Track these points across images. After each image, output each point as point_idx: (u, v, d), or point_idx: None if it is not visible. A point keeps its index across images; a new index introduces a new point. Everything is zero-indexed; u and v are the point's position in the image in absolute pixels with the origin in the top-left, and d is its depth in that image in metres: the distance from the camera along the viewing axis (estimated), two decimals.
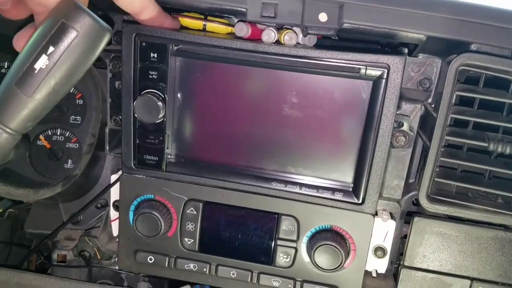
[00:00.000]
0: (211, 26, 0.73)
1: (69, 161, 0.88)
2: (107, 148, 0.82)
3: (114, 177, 0.83)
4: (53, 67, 0.52)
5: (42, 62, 0.51)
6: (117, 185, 0.81)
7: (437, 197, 0.69)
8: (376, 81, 0.65)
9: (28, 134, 0.84)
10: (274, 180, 0.73)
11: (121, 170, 0.82)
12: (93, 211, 0.93)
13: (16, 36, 0.59)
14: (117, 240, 0.82)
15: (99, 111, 0.87)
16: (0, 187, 0.81)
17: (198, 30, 0.73)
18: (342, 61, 0.65)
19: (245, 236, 0.76)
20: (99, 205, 0.93)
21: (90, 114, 0.87)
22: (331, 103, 0.68)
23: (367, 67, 0.65)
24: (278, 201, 0.74)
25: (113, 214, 0.85)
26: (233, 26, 0.72)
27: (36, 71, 0.52)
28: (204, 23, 0.73)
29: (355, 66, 0.65)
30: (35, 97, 0.53)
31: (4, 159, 0.59)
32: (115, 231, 0.85)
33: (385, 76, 0.65)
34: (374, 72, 0.65)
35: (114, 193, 0.84)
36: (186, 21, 0.73)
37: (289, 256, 0.75)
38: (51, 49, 0.51)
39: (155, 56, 0.69)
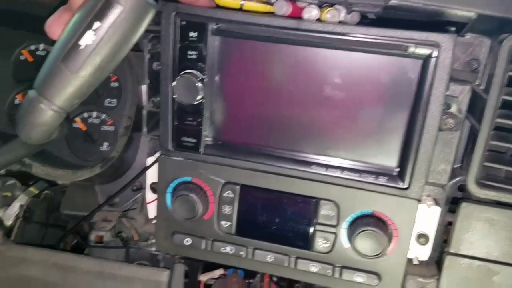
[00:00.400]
0: (249, 5, 0.71)
1: (105, 143, 0.88)
2: (145, 130, 0.81)
3: (150, 160, 0.82)
4: (99, 43, 0.51)
5: (87, 38, 0.51)
6: (154, 167, 0.81)
7: (486, 182, 0.66)
8: (426, 60, 0.62)
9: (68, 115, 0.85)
10: (314, 163, 0.71)
11: (158, 153, 0.82)
12: (128, 193, 0.93)
13: (48, 21, 0.58)
14: (154, 222, 0.83)
15: (134, 94, 0.87)
16: (39, 168, 0.82)
17: (235, 9, 0.71)
18: (389, 39, 0.62)
19: (282, 220, 0.74)
20: (134, 188, 0.93)
21: (125, 97, 0.86)
22: (375, 83, 0.65)
23: (416, 45, 0.62)
24: (318, 185, 0.72)
25: (150, 196, 0.85)
26: (271, 4, 0.70)
27: (81, 48, 0.51)
28: (241, 2, 0.71)
29: (403, 44, 0.62)
30: (81, 74, 0.52)
31: (49, 138, 0.59)
32: (151, 213, 0.86)
33: (435, 55, 0.62)
34: (424, 51, 0.62)
35: (151, 176, 0.84)
36: (222, 1, 0.71)
37: (328, 242, 0.73)
38: (96, 24, 0.50)
39: (195, 36, 0.68)
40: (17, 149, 0.70)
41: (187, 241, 0.79)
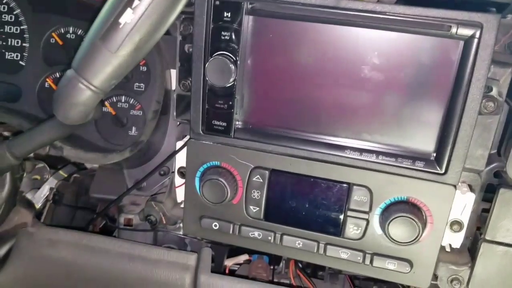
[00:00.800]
0: None
1: (133, 128, 0.89)
2: (174, 113, 0.81)
3: (179, 144, 0.82)
4: (138, 22, 0.50)
5: (127, 17, 0.50)
6: (183, 152, 0.81)
7: None
8: (468, 40, 0.60)
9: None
10: (348, 148, 0.70)
11: (186, 137, 0.82)
12: (156, 177, 0.94)
13: None
14: (182, 206, 0.83)
15: (163, 78, 0.86)
16: (70, 151, 0.83)
17: None
18: (431, 18, 0.60)
19: (313, 206, 0.73)
20: (162, 172, 0.94)
21: (154, 81, 0.86)
22: (415, 64, 0.63)
23: (459, 25, 0.59)
24: (350, 170, 0.71)
25: (178, 180, 0.85)
26: None
27: (121, 26, 0.51)
28: None
29: (445, 24, 0.60)
30: (120, 53, 0.52)
31: (85, 118, 0.59)
32: (179, 197, 0.86)
33: (477, 36, 0.59)
34: (466, 31, 0.60)
35: (180, 160, 0.83)
36: None
37: (360, 228, 0.72)
38: (136, 2, 0.50)
39: (229, 16, 0.67)
40: (51, 131, 0.71)
41: (215, 225, 0.79)
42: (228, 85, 0.70)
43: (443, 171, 0.66)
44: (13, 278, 0.83)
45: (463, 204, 0.71)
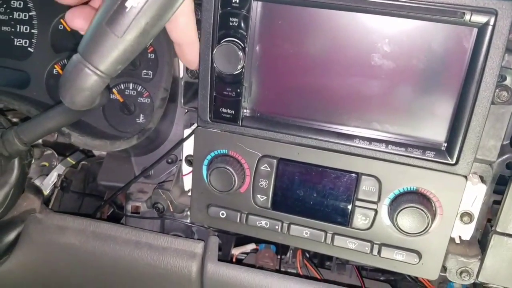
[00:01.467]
0: None
1: (141, 115, 0.88)
2: (182, 101, 0.80)
3: (187, 132, 0.82)
4: (144, 5, 0.50)
5: (133, 0, 0.50)
6: (190, 140, 0.81)
7: None
8: (482, 28, 0.58)
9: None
10: (357, 137, 0.69)
11: (194, 125, 0.81)
12: (163, 165, 0.93)
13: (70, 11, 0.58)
14: (190, 194, 0.82)
15: (171, 65, 0.86)
16: (78, 138, 0.83)
17: None
18: (444, 5, 0.58)
19: (320, 195, 0.73)
20: (169, 160, 0.93)
21: (162, 68, 0.86)
22: (427, 52, 0.62)
23: (472, 12, 0.58)
24: (359, 159, 0.70)
25: (185, 168, 0.84)
26: None
27: (127, 10, 0.50)
28: None
29: (458, 11, 0.58)
30: (126, 38, 0.51)
31: (92, 104, 0.59)
32: (186, 186, 0.85)
33: (492, 23, 0.58)
34: (480, 18, 0.58)
35: (187, 148, 0.83)
36: None
37: (368, 218, 0.71)
38: None
39: (237, 1, 0.66)
40: (58, 116, 0.71)
41: (222, 213, 0.78)
42: (236, 72, 0.69)
43: (454, 162, 0.65)
44: (21, 263, 0.84)
45: (474, 195, 0.70)
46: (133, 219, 0.92)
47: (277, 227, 0.76)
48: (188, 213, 0.87)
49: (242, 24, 0.67)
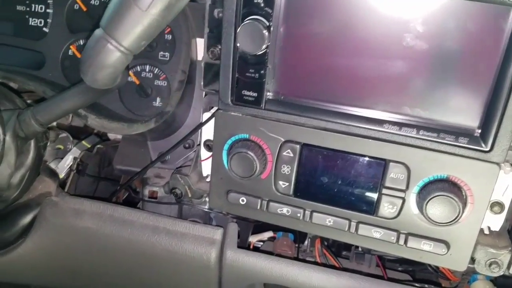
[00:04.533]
0: None
1: (158, 98, 0.86)
2: (202, 83, 0.78)
3: (206, 115, 0.79)
4: None
5: None
6: (209, 124, 0.78)
7: None
8: None
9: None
10: (387, 122, 0.66)
11: (213, 108, 0.79)
12: (180, 150, 0.91)
13: None
14: (208, 179, 0.81)
15: (189, 46, 0.83)
16: (95, 120, 0.81)
17: None
18: None
19: (345, 182, 0.70)
20: (187, 145, 0.91)
21: (179, 50, 0.83)
22: (461, 32, 0.59)
23: None
24: (386, 145, 0.67)
25: (204, 153, 0.82)
26: None
27: None
28: None
29: None
30: (150, 12, 0.49)
31: (114, 82, 0.57)
32: (205, 171, 0.84)
33: None
34: None
35: (206, 133, 0.81)
36: None
37: (395, 207, 0.69)
38: None
39: None
40: (76, 97, 0.69)
41: (242, 200, 0.76)
42: (260, 52, 0.67)
43: (488, 149, 0.62)
44: (37, 246, 0.83)
45: (506, 184, 0.67)
46: (150, 204, 0.90)
47: (299, 214, 0.74)
48: (207, 199, 0.85)
49: (267, 2, 0.64)
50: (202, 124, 0.79)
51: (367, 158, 0.69)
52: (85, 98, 0.69)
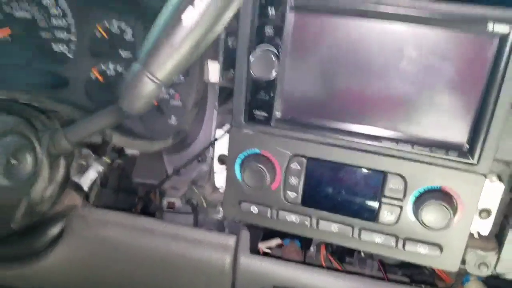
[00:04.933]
0: None
1: (173, 117, 0.94)
2: (217, 104, 0.86)
3: (219, 132, 0.87)
4: (199, 19, 0.55)
5: (188, 14, 0.55)
6: (223, 139, 0.86)
7: None
8: (503, 37, 0.63)
9: None
10: (384, 138, 0.73)
11: (225, 126, 0.87)
12: (193, 163, 0.98)
13: None
14: (221, 190, 0.88)
15: (202, 68, 0.91)
16: (119, 138, 0.88)
17: None
18: (467, 15, 0.63)
19: (349, 192, 0.78)
20: (199, 159, 0.99)
21: (193, 72, 0.91)
22: (450, 59, 0.67)
23: (495, 22, 0.62)
24: (385, 159, 0.75)
25: (217, 166, 0.90)
26: None
27: (183, 23, 0.55)
28: None
29: (481, 21, 0.63)
30: (182, 49, 0.57)
31: (146, 109, 0.64)
32: (218, 183, 0.91)
33: None
34: (503, 28, 0.63)
35: (219, 147, 0.88)
36: None
37: (394, 214, 0.76)
38: (197, 1, 0.54)
39: (273, 10, 0.71)
40: (105, 119, 0.76)
41: (254, 209, 0.84)
42: (271, 77, 0.74)
43: (475, 161, 0.70)
44: (65, 256, 0.89)
45: (492, 193, 0.75)
46: (167, 214, 0.97)
47: (306, 222, 0.81)
48: (220, 208, 0.92)
49: (277, 32, 0.72)
50: (215, 141, 0.87)
51: (367, 170, 0.76)
52: (113, 120, 0.77)
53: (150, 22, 0.60)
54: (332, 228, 0.80)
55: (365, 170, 0.76)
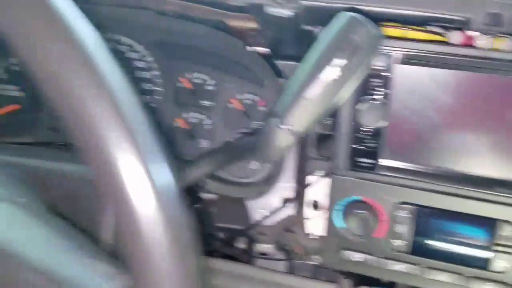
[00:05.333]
0: (414, 34, 0.75)
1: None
2: (315, 150, 0.86)
3: (311, 178, 0.87)
4: (338, 78, 0.57)
5: (328, 73, 0.57)
6: (315, 186, 0.86)
7: None
8: None
9: None
10: (495, 184, 0.73)
11: (317, 171, 0.87)
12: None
13: None
14: (311, 236, 0.87)
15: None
16: (213, 184, 0.89)
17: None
18: None
19: (459, 240, 0.77)
20: (285, 204, 0.98)
21: None
22: None
23: None
24: (496, 206, 0.74)
25: (310, 212, 0.89)
26: (439, 34, 0.74)
27: (322, 82, 0.58)
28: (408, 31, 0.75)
29: None
30: (320, 105, 0.59)
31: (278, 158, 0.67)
32: (311, 228, 0.90)
33: None
34: None
35: (310, 193, 0.88)
36: (389, 30, 0.75)
37: (506, 262, 0.75)
38: (334, 61, 0.57)
39: (380, 64, 0.72)
40: (217, 165, 0.77)
41: (356, 257, 0.82)
42: (378, 126, 0.75)
43: None
44: None
45: None
46: (259, 260, 0.96)
47: (415, 271, 0.79)
48: (315, 255, 0.91)
49: (384, 83, 0.73)
50: (306, 186, 0.87)
51: (477, 218, 0.75)
52: (216, 168, 0.78)
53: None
54: (441, 277, 0.78)
55: (475, 218, 0.75)
